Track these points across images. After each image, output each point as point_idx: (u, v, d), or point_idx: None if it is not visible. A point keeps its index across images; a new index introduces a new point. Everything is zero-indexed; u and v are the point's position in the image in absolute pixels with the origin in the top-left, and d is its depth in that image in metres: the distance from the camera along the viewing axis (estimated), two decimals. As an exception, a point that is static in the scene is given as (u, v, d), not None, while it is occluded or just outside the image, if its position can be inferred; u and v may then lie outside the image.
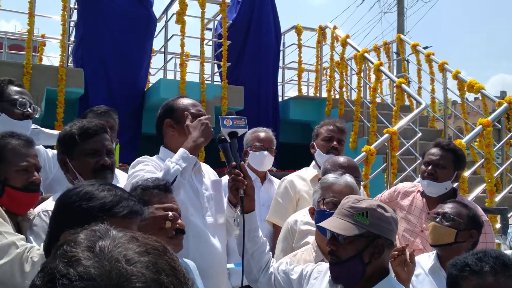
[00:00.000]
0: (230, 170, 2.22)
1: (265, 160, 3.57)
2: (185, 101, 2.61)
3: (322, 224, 1.91)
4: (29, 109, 2.64)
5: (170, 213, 1.92)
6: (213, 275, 2.42)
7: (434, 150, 3.20)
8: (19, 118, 2.58)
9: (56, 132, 2.86)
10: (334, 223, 1.87)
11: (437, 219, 2.56)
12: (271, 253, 2.33)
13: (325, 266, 2.11)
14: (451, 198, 3.11)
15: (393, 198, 3.42)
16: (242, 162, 2.30)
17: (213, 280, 2.41)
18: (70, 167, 2.14)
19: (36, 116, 2.71)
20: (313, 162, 3.50)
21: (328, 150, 3.36)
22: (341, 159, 2.85)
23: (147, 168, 2.42)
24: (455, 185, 3.32)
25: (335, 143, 3.37)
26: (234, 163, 2.22)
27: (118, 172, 2.91)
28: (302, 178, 3.38)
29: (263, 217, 3.31)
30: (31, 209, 2.16)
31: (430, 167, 3.14)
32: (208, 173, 2.70)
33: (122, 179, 2.86)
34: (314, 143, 3.48)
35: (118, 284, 0.70)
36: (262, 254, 2.24)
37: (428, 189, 3.19)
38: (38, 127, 2.92)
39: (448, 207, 2.60)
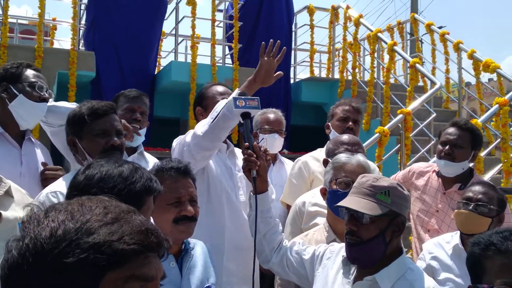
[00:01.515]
0: (243, 151, 2.23)
1: (275, 143, 3.55)
2: (215, 90, 2.72)
3: (344, 204, 1.86)
4: (45, 93, 2.61)
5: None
6: (247, 247, 2.44)
7: (451, 130, 3.13)
8: (36, 100, 2.54)
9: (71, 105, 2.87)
10: (358, 203, 1.83)
11: (471, 207, 2.47)
12: (283, 234, 2.33)
13: (337, 246, 2.09)
14: (467, 178, 3.09)
15: (407, 178, 3.38)
16: (255, 143, 2.29)
17: (248, 252, 2.40)
18: (79, 147, 2.13)
19: (51, 100, 2.67)
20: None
21: (344, 130, 3.31)
22: (344, 136, 2.86)
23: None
24: (471, 165, 3.27)
25: (350, 123, 3.33)
26: (247, 144, 2.23)
27: (147, 155, 2.98)
28: (316, 159, 3.34)
29: (275, 198, 3.31)
30: (4, 182, 2.05)
31: (447, 147, 3.09)
32: (239, 155, 2.73)
33: (151, 162, 2.86)
34: (329, 124, 3.44)
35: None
36: (274, 234, 2.24)
37: (445, 169, 3.14)
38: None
39: (480, 192, 2.51)
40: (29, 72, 2.60)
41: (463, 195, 2.60)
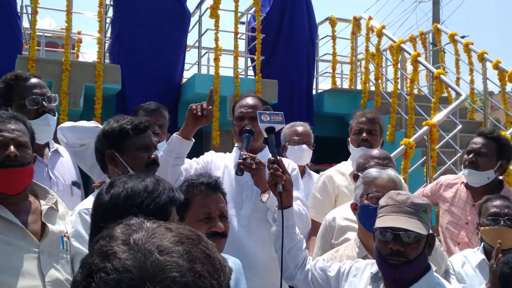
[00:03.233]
0: (269, 165, 2.22)
1: (303, 154, 3.55)
2: (239, 103, 2.75)
3: (394, 224, 1.84)
4: (43, 103, 2.50)
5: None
6: (248, 266, 2.36)
7: (477, 139, 3.15)
8: (36, 116, 2.45)
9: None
10: (407, 223, 1.82)
11: (502, 222, 2.46)
12: (307, 250, 2.31)
13: (363, 263, 2.08)
14: (497, 189, 3.06)
15: (435, 191, 3.35)
16: (280, 157, 2.29)
17: (250, 270, 2.35)
18: (120, 161, 2.16)
19: (55, 104, 2.58)
20: (351, 156, 3.44)
21: (359, 143, 3.27)
22: (374, 151, 2.85)
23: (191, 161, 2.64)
24: (500, 177, 3.23)
25: (364, 134, 3.26)
26: (272, 158, 2.22)
27: None
28: (341, 173, 3.34)
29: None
30: (51, 195, 2.10)
31: (471, 155, 3.10)
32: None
33: None
34: (349, 139, 3.42)
35: (153, 274, 0.71)
36: (299, 251, 2.22)
37: (469, 178, 3.13)
38: (99, 125, 2.80)
39: (504, 206, 2.51)
40: (19, 87, 2.49)
41: (483, 212, 2.56)
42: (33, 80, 2.55)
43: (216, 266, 0.77)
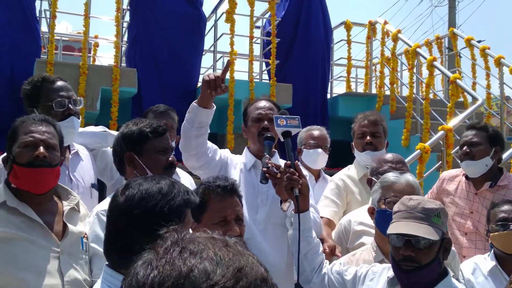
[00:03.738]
0: (285, 169, 2.23)
1: (318, 158, 3.55)
2: (255, 105, 2.72)
3: (403, 230, 1.85)
4: (69, 105, 2.56)
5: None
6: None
7: (467, 132, 3.28)
8: (62, 118, 2.52)
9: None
10: (418, 229, 1.83)
11: (510, 227, 2.46)
12: (324, 254, 2.32)
13: (380, 267, 2.08)
14: (497, 175, 3.16)
15: (439, 187, 3.43)
16: (297, 161, 2.30)
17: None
18: (139, 163, 2.19)
19: (80, 107, 2.65)
20: (355, 161, 3.39)
21: (363, 147, 3.21)
22: (387, 155, 2.84)
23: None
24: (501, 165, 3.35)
25: (368, 138, 3.20)
26: (288, 162, 2.24)
27: (178, 170, 2.96)
28: (351, 178, 3.30)
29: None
30: (74, 196, 2.15)
31: (465, 148, 3.19)
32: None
33: (183, 177, 2.91)
34: (352, 143, 3.36)
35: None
36: (315, 254, 2.23)
37: (468, 170, 3.21)
38: (106, 129, 2.92)
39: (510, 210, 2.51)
40: (46, 89, 2.56)
41: (492, 218, 2.56)
42: (60, 83, 2.62)
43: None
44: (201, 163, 2.55)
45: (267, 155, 2.36)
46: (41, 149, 2.00)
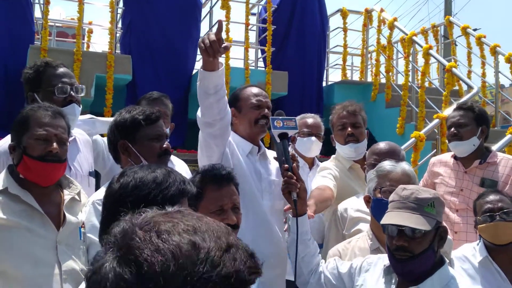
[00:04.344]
0: (283, 173, 2.21)
1: (312, 146, 3.54)
2: (249, 91, 2.66)
3: (394, 221, 1.85)
4: (71, 92, 2.54)
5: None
6: (271, 253, 2.42)
7: (453, 113, 3.34)
8: (63, 104, 2.49)
9: (111, 119, 2.90)
10: (409, 219, 1.83)
11: (497, 217, 2.46)
12: (320, 255, 2.32)
13: (374, 258, 2.09)
14: (485, 153, 3.23)
15: (429, 171, 3.48)
16: (295, 164, 2.28)
17: (272, 258, 2.41)
18: (133, 151, 2.18)
19: (82, 95, 2.63)
20: (336, 154, 3.27)
21: (345, 139, 3.09)
22: (381, 145, 2.82)
23: None
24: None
25: (349, 129, 3.07)
26: (286, 165, 2.21)
27: (173, 158, 2.93)
28: (342, 171, 3.16)
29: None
30: (75, 185, 2.16)
31: (452, 129, 3.25)
32: (273, 159, 2.72)
33: (178, 165, 2.90)
34: (332, 136, 3.23)
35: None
36: (313, 257, 2.24)
37: (457, 150, 3.27)
38: (93, 116, 2.92)
39: (497, 201, 2.51)
40: (48, 74, 2.53)
41: (478, 210, 2.56)
42: (62, 69, 2.59)
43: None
44: (226, 123, 2.42)
45: (283, 159, 2.29)
46: (55, 144, 2.02)
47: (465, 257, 2.58)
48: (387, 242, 1.91)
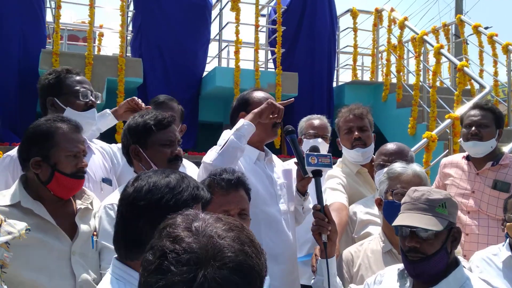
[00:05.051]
0: (314, 213, 2.15)
1: (318, 147, 3.51)
2: (260, 95, 2.66)
3: (405, 222, 1.84)
4: (91, 97, 2.61)
5: None
6: (285, 260, 2.44)
7: (474, 112, 3.24)
8: (84, 109, 2.56)
9: (104, 111, 2.94)
10: (420, 220, 1.82)
11: None
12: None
13: (386, 269, 2.08)
14: (498, 155, 3.19)
15: (440, 172, 3.44)
16: (327, 204, 2.23)
17: (286, 265, 2.43)
18: (144, 156, 2.19)
19: (99, 102, 2.69)
20: (343, 158, 3.22)
21: (352, 143, 3.03)
22: (389, 145, 2.80)
23: None
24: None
25: (356, 133, 3.02)
26: (318, 205, 2.15)
27: (184, 161, 2.93)
28: (350, 176, 3.11)
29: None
30: (88, 195, 2.18)
31: (473, 128, 3.18)
32: (278, 163, 2.74)
33: (189, 168, 2.91)
34: (338, 139, 3.18)
35: (214, 254, 0.89)
36: None
37: (474, 150, 3.20)
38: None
39: None
40: (70, 80, 2.58)
41: (509, 208, 2.54)
42: (82, 77, 2.68)
43: (258, 248, 0.96)
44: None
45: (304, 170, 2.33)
46: (84, 160, 2.10)
47: (488, 258, 2.56)
48: (400, 244, 1.90)
